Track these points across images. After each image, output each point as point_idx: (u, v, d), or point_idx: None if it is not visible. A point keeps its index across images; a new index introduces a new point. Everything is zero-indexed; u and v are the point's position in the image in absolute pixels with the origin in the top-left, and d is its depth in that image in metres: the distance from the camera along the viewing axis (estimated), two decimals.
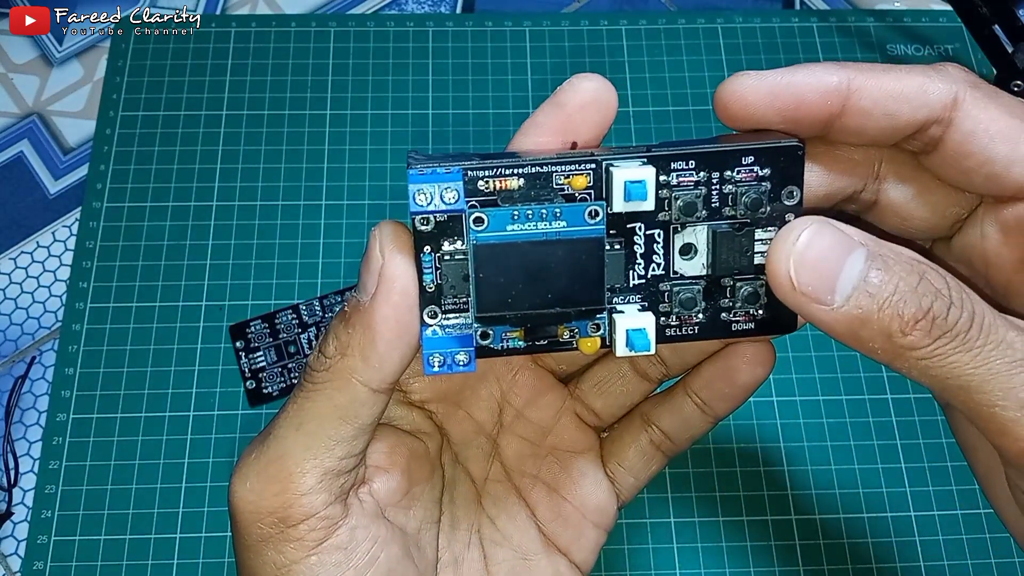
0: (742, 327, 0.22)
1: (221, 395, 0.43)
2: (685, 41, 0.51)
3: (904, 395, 0.43)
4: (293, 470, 0.21)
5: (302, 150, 0.48)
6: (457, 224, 0.20)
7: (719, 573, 0.40)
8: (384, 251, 0.20)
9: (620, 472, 0.27)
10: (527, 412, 0.27)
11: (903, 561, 0.40)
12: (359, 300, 0.21)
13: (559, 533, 0.27)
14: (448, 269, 0.21)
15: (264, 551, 0.21)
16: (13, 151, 0.49)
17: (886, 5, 0.53)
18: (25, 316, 0.45)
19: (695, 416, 0.26)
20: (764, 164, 0.21)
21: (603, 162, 0.20)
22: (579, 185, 0.20)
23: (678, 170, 0.21)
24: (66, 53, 0.52)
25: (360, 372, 0.21)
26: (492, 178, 0.20)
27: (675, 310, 0.22)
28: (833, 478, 0.41)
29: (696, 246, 0.21)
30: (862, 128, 0.21)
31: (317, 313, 0.44)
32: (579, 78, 0.21)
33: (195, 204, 0.47)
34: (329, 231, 0.46)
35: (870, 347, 0.19)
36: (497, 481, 0.27)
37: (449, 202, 0.20)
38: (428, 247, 0.20)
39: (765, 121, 0.21)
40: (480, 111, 0.49)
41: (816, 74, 0.20)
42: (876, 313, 0.18)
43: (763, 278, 0.22)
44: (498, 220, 0.20)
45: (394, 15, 0.53)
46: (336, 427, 0.21)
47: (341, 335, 0.21)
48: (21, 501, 0.41)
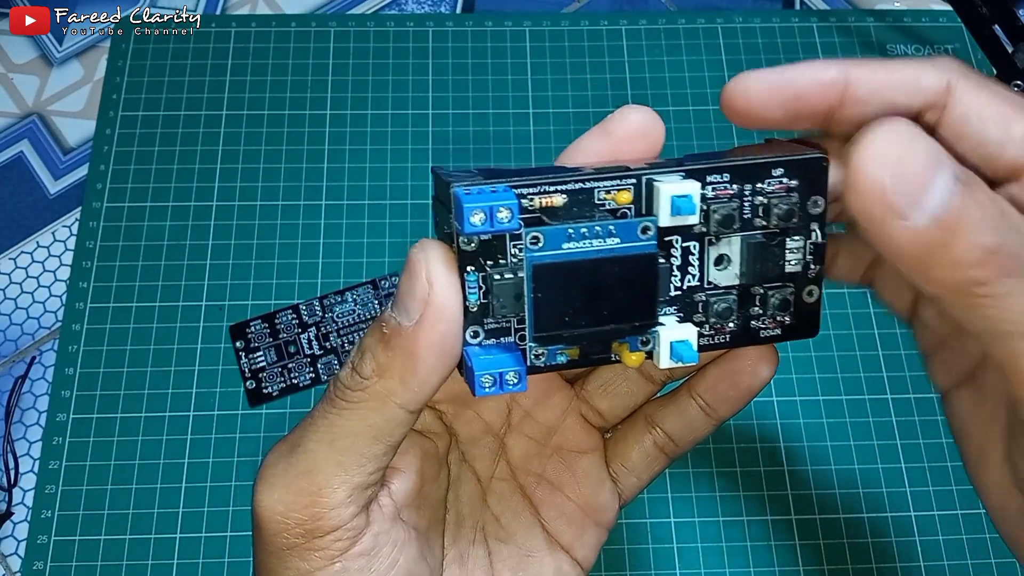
0: (770, 333, 0.23)
1: (221, 395, 0.43)
2: (685, 41, 0.51)
3: (904, 395, 0.43)
4: (324, 485, 0.21)
5: (302, 150, 0.48)
6: (502, 242, 0.20)
7: (719, 573, 0.40)
8: (432, 277, 0.20)
9: (623, 472, 0.27)
10: (534, 412, 0.27)
11: (903, 561, 0.40)
12: (400, 323, 0.20)
13: (562, 531, 0.27)
14: (499, 289, 0.20)
15: (288, 558, 0.21)
16: (13, 151, 0.49)
17: (886, 5, 0.53)
18: (25, 316, 0.45)
19: (699, 418, 0.26)
20: (792, 176, 0.21)
21: (643, 176, 0.21)
22: (622, 201, 0.21)
23: (714, 183, 0.21)
24: (66, 53, 0.52)
25: (399, 395, 0.20)
26: (536, 195, 0.20)
27: (710, 320, 0.22)
28: (833, 478, 0.41)
29: (729, 256, 0.22)
30: (861, 118, 0.21)
31: (317, 313, 0.44)
32: (629, 109, 0.22)
33: (195, 204, 0.47)
34: (329, 231, 0.46)
35: (935, 277, 0.18)
36: (502, 479, 0.27)
37: (502, 221, 0.19)
38: (471, 266, 0.20)
39: (769, 117, 0.21)
40: (480, 111, 0.49)
41: (814, 68, 0.21)
42: (957, 238, 0.17)
43: (791, 286, 0.22)
44: (554, 238, 0.20)
45: (394, 15, 0.53)
46: (369, 446, 0.21)
47: (380, 356, 0.21)
48: (21, 501, 0.41)
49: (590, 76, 0.50)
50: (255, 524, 0.22)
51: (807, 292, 0.22)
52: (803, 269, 0.22)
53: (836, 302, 0.45)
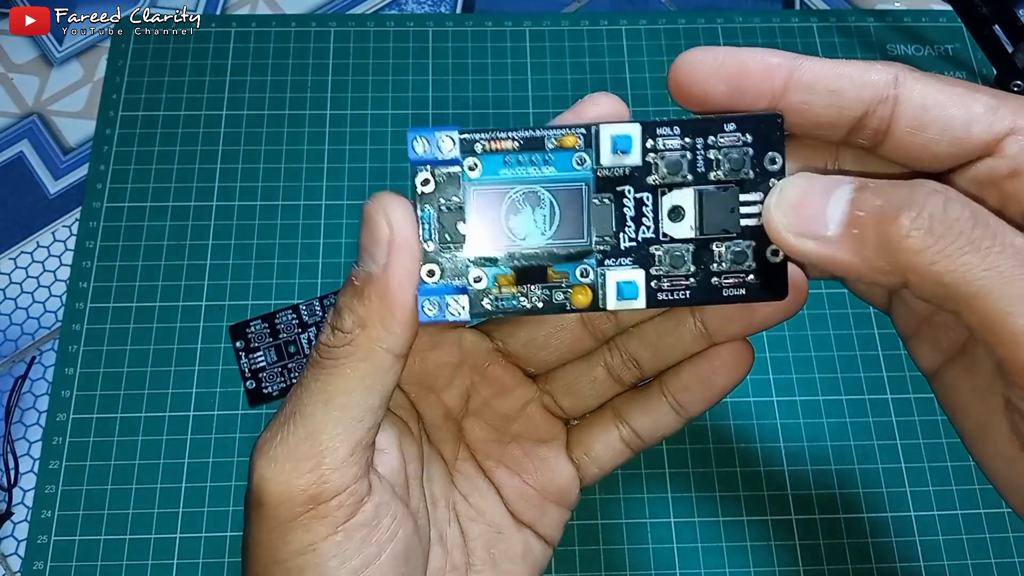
0: (733, 292, 0.23)
1: (221, 395, 0.43)
2: (685, 41, 0.51)
3: (904, 395, 0.43)
4: (326, 445, 0.21)
5: (302, 150, 0.48)
6: (455, 184, 0.22)
7: (719, 573, 0.40)
8: (391, 219, 0.21)
9: (585, 461, 0.28)
10: (493, 403, 0.27)
11: (903, 561, 0.40)
12: (369, 272, 0.21)
13: (523, 511, 0.28)
14: (444, 219, 0.22)
15: (290, 532, 0.22)
16: (13, 151, 0.49)
17: (886, 5, 0.53)
18: (25, 316, 0.45)
19: (668, 416, 0.26)
20: (746, 132, 0.22)
21: (591, 127, 0.22)
22: (569, 144, 0.22)
23: (664, 135, 0.22)
24: (66, 53, 0.52)
25: (383, 340, 0.21)
26: (487, 140, 0.22)
27: (665, 270, 0.22)
28: (833, 478, 0.41)
29: (684, 209, 0.22)
30: (807, 105, 0.21)
31: (317, 313, 0.44)
32: (599, 94, 0.23)
33: (195, 204, 0.47)
34: (329, 231, 0.46)
35: (880, 268, 0.19)
36: (465, 460, 0.28)
37: (446, 152, 0.21)
38: (428, 206, 0.22)
39: (711, 93, 0.22)
40: (480, 111, 0.49)
41: (764, 51, 0.21)
42: (872, 225, 0.18)
43: (752, 242, 0.22)
44: (491, 165, 0.22)
45: (394, 15, 0.53)
46: (364, 398, 0.22)
47: (357, 308, 0.21)
48: (21, 501, 0.41)
49: (590, 76, 0.50)
50: (255, 502, 0.22)
51: (771, 251, 0.22)
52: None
53: (836, 302, 0.45)
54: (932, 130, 0.21)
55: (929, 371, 0.24)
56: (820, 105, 0.21)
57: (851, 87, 0.21)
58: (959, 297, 0.18)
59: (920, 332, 0.24)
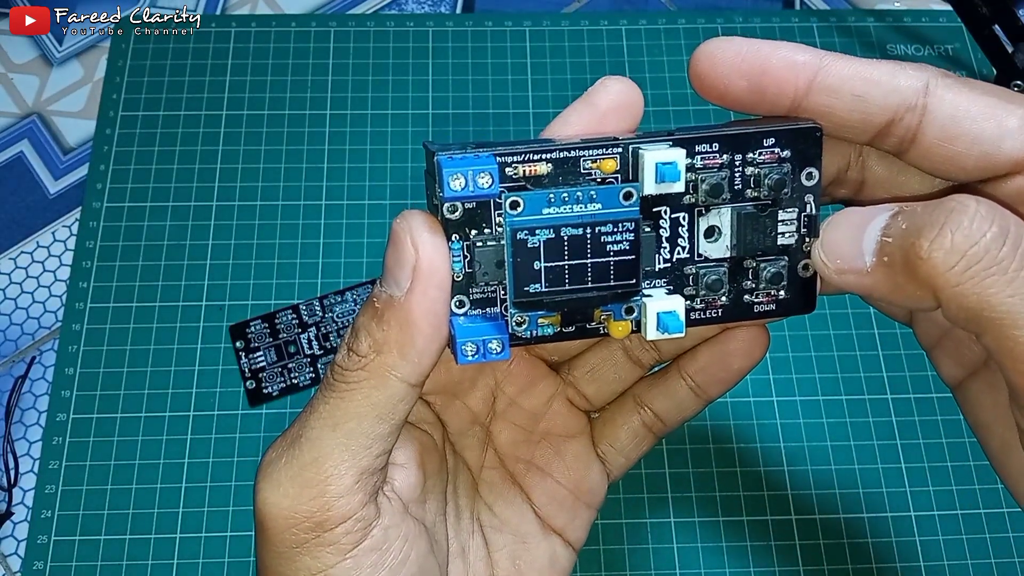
0: (764, 308, 0.22)
1: (221, 395, 0.43)
2: (685, 41, 0.51)
3: (904, 395, 0.43)
4: (331, 472, 0.21)
5: (302, 150, 0.48)
6: (486, 211, 0.20)
7: (719, 573, 0.40)
8: (417, 244, 0.20)
9: (611, 452, 0.27)
10: (520, 400, 0.27)
11: (903, 561, 0.40)
12: (391, 295, 0.20)
13: (554, 515, 0.27)
14: (481, 256, 0.20)
15: (297, 557, 0.21)
16: (13, 151, 0.49)
17: (886, 5, 0.53)
18: (25, 316, 0.45)
19: (688, 398, 0.26)
20: (784, 146, 0.21)
21: (629, 146, 0.20)
22: (608, 169, 0.20)
23: (703, 153, 0.21)
24: (66, 53, 0.52)
25: (399, 368, 0.20)
26: (521, 164, 0.20)
27: (701, 293, 0.22)
28: (833, 478, 0.41)
29: (720, 228, 0.21)
30: (830, 109, 0.21)
31: (317, 313, 0.44)
32: (609, 79, 0.22)
33: (195, 204, 0.47)
34: (329, 231, 0.46)
35: (912, 294, 0.18)
36: (492, 468, 0.27)
37: (483, 187, 0.19)
38: (456, 235, 0.20)
39: (732, 89, 0.21)
40: (480, 111, 0.49)
41: (788, 47, 0.21)
42: (898, 250, 0.18)
43: (785, 259, 0.22)
44: (534, 203, 0.20)
45: (394, 15, 0.53)
46: (374, 425, 0.21)
47: (375, 332, 0.20)
48: (21, 501, 0.41)
49: (590, 76, 0.50)
50: (259, 525, 0.21)
51: (802, 266, 0.22)
52: (797, 242, 0.22)
53: (836, 302, 0.45)
54: (961, 143, 0.20)
55: (952, 384, 0.23)
56: (844, 109, 0.20)
57: (877, 93, 0.20)
58: (982, 323, 0.17)
59: (941, 345, 0.23)
